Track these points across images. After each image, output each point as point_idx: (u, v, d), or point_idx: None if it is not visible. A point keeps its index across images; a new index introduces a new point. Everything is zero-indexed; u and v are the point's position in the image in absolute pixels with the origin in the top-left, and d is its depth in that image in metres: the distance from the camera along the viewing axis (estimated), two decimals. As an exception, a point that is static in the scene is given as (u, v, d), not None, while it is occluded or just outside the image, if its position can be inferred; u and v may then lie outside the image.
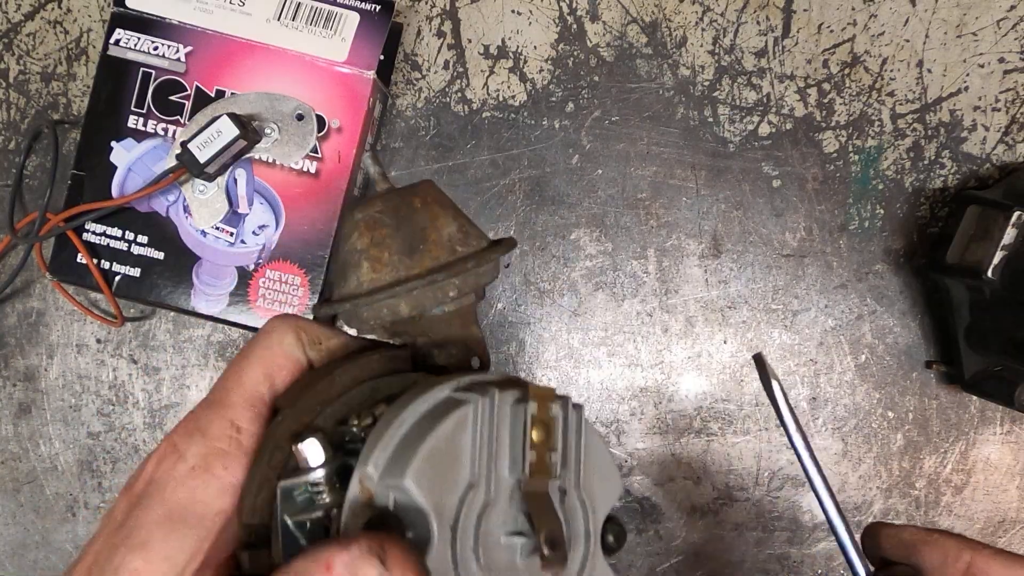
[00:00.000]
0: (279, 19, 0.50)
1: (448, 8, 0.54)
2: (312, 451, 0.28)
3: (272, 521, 0.29)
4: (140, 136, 0.51)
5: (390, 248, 0.32)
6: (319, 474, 0.28)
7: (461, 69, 0.55)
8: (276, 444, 0.29)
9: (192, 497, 0.29)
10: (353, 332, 0.35)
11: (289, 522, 0.29)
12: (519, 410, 0.30)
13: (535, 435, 0.30)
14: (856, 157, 0.54)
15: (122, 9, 0.50)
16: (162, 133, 0.51)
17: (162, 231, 0.51)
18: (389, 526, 0.27)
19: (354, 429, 0.30)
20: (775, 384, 0.35)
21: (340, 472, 0.29)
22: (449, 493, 0.28)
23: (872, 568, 0.35)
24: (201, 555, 0.29)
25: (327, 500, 0.28)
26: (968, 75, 0.54)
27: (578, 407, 0.31)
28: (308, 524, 0.29)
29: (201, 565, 0.28)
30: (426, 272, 0.32)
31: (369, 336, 0.35)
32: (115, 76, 0.51)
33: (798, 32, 0.54)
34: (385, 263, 0.32)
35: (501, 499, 0.29)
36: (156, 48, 0.51)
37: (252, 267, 0.51)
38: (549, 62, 0.55)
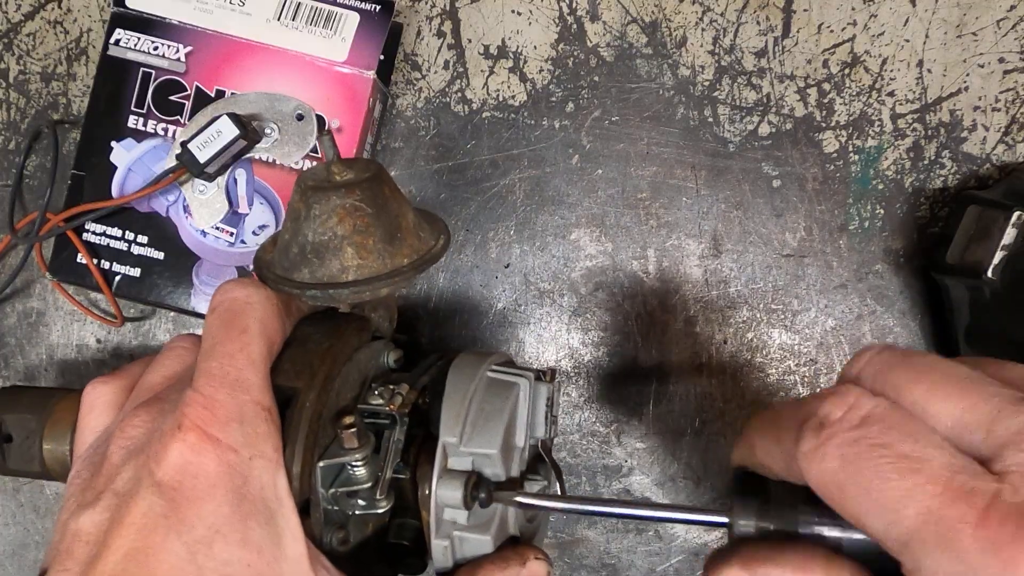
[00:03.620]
0: (279, 19, 0.50)
1: (448, 8, 0.54)
2: (356, 435, 0.33)
3: (312, 495, 0.33)
4: (140, 136, 0.51)
5: (374, 236, 0.34)
6: (362, 454, 0.33)
7: (461, 69, 0.55)
8: (309, 426, 0.33)
9: (261, 485, 0.30)
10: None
11: (329, 495, 0.33)
12: (547, 387, 0.39)
13: None
14: (856, 157, 0.54)
15: (122, 9, 0.50)
16: (162, 133, 0.51)
17: (162, 231, 0.51)
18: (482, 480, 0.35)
19: (387, 409, 0.35)
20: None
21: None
22: (509, 456, 0.36)
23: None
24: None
25: (364, 473, 0.33)
26: (968, 75, 0.54)
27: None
28: (347, 494, 0.34)
29: None
30: (415, 263, 0.35)
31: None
32: (115, 76, 0.51)
33: (798, 32, 0.54)
34: (371, 250, 0.34)
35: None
36: (156, 48, 0.51)
37: (252, 267, 0.51)
38: (549, 62, 0.55)
